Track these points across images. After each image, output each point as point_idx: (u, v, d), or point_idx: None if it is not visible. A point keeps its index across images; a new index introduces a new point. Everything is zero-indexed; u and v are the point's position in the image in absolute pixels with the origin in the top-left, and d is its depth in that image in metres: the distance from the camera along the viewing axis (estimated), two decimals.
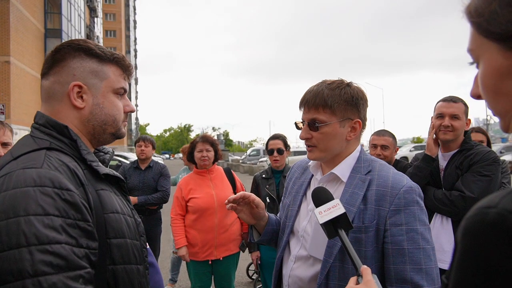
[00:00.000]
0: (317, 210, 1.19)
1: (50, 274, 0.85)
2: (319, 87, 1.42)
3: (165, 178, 4.48)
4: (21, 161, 0.98)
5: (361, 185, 1.39)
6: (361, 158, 1.46)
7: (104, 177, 1.12)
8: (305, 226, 1.48)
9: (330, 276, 1.34)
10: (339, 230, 1.16)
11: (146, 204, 4.25)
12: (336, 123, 1.40)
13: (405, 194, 1.32)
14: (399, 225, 1.30)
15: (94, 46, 1.17)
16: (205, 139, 3.51)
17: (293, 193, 1.60)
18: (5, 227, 0.86)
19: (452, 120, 2.43)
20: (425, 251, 1.29)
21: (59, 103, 1.13)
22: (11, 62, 19.15)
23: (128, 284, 1.08)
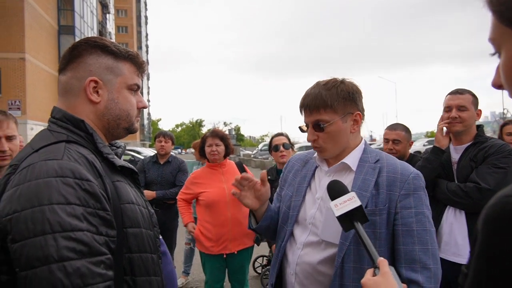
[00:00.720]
0: (333, 203, 1.21)
1: (74, 260, 0.90)
2: (315, 89, 1.49)
3: (183, 173, 4.55)
4: (42, 153, 1.02)
5: (372, 172, 1.47)
6: (367, 149, 1.55)
7: (120, 169, 1.16)
8: (313, 214, 1.53)
9: (345, 259, 1.40)
10: (355, 223, 1.18)
11: (163, 199, 4.32)
12: (338, 120, 1.47)
13: (413, 180, 1.44)
14: (409, 208, 1.40)
15: (110, 44, 1.21)
16: (214, 133, 3.54)
17: (296, 184, 1.65)
18: (31, 215, 0.91)
19: (459, 111, 2.43)
20: (430, 233, 1.41)
21: (76, 97, 1.17)
22: (26, 59, 19.49)
23: (143, 271, 1.12)
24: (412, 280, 1.34)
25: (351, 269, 1.39)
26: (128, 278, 1.08)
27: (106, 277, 0.95)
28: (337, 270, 1.40)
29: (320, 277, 1.46)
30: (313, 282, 1.48)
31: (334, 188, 1.26)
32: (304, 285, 1.50)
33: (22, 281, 0.90)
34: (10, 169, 1.05)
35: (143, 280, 1.11)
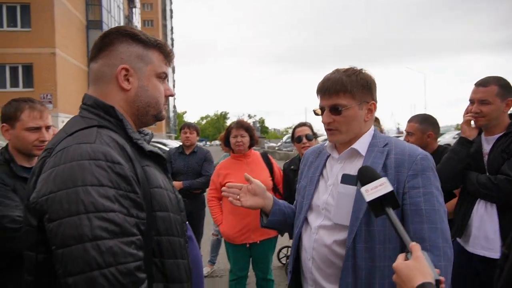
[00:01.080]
0: (364, 188, 1.22)
1: (106, 239, 0.94)
2: (336, 74, 1.54)
3: (209, 163, 4.60)
4: (76, 137, 1.07)
5: (380, 155, 1.51)
6: (376, 135, 1.59)
7: (149, 154, 1.19)
8: (326, 199, 1.57)
9: (356, 240, 1.43)
10: (386, 208, 1.18)
11: (190, 189, 4.39)
12: (355, 106, 1.52)
13: (421, 161, 1.46)
14: (417, 188, 1.42)
15: (140, 33, 1.24)
16: (239, 124, 3.56)
17: (310, 175, 1.70)
18: (66, 196, 0.96)
19: (480, 105, 2.31)
20: (439, 212, 1.41)
21: (107, 85, 1.20)
22: (56, 54, 20.12)
23: (171, 254, 1.15)
24: None
25: (363, 249, 1.42)
26: (157, 260, 1.11)
27: (137, 257, 0.98)
28: (348, 250, 1.43)
29: (336, 260, 1.49)
30: (329, 265, 1.51)
31: (365, 173, 1.26)
32: (321, 269, 1.53)
33: (58, 258, 0.95)
34: (45, 152, 1.10)
35: (171, 262, 1.14)
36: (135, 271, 0.97)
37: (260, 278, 3.55)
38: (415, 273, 1.00)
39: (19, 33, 20.07)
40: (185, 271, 1.20)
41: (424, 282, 0.98)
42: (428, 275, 1.00)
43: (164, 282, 1.12)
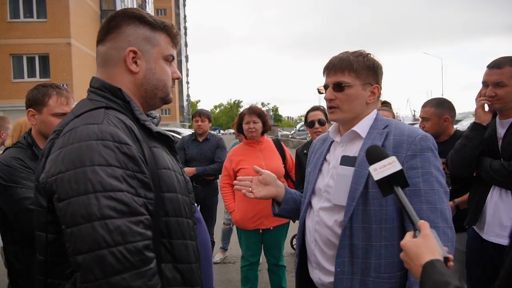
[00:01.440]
0: (372, 167, 1.21)
1: (115, 218, 0.95)
2: (344, 54, 1.57)
3: (222, 149, 4.62)
4: (83, 118, 1.08)
5: (379, 137, 1.50)
6: (378, 118, 1.59)
7: (157, 136, 1.20)
8: (327, 182, 1.58)
9: (353, 219, 1.44)
10: (395, 187, 1.17)
11: (203, 175, 4.42)
12: (359, 85, 1.53)
13: (420, 141, 1.44)
14: (415, 168, 1.41)
15: (147, 14, 1.23)
16: (252, 110, 3.53)
17: (314, 161, 1.72)
18: (74, 176, 0.97)
19: (496, 88, 2.19)
20: (438, 193, 1.40)
21: (115, 67, 1.20)
22: (72, 44, 20.31)
23: (179, 234, 1.16)
24: None
25: (360, 229, 1.43)
26: (165, 240, 1.12)
27: (145, 236, 1.00)
28: (345, 230, 1.44)
29: (336, 241, 1.50)
30: (330, 246, 1.52)
31: (374, 152, 1.25)
32: (323, 251, 1.55)
33: (67, 237, 0.96)
34: (54, 134, 1.11)
35: (179, 243, 1.15)
36: (143, 250, 0.98)
37: (272, 264, 3.56)
38: (423, 250, 0.99)
39: (35, 24, 20.29)
40: (193, 252, 1.21)
41: (432, 259, 0.96)
42: (437, 253, 0.98)
43: (173, 262, 1.14)
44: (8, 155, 1.89)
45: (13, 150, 1.93)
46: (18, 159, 1.86)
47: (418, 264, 0.98)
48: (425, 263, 0.97)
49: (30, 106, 1.97)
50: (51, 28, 20.07)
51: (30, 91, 2.00)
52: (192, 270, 1.20)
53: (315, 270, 1.59)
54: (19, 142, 1.99)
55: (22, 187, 1.78)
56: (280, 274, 3.57)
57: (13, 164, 1.83)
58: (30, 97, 1.98)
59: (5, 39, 19.77)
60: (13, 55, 20.25)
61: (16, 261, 1.84)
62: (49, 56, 20.30)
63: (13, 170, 1.82)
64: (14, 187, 1.78)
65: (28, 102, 1.98)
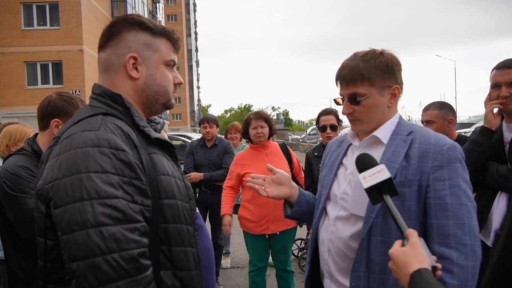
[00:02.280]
0: (361, 175, 1.19)
1: (109, 225, 0.95)
2: (353, 61, 1.43)
3: (229, 155, 4.61)
4: (81, 124, 1.08)
5: (403, 144, 1.40)
6: (401, 122, 1.48)
7: (156, 142, 1.20)
8: (344, 189, 1.49)
9: (372, 232, 1.35)
10: (384, 195, 1.15)
11: (210, 180, 4.43)
12: (376, 94, 1.41)
13: (448, 151, 1.34)
14: (442, 180, 1.31)
15: (147, 20, 1.24)
16: (258, 115, 3.52)
17: (329, 164, 1.63)
18: (70, 182, 0.97)
19: (510, 88, 2.13)
20: (467, 207, 1.30)
21: (116, 74, 1.21)
22: (84, 51, 20.64)
23: (179, 241, 1.15)
24: (445, 257, 1.24)
25: (378, 243, 1.33)
26: (164, 247, 1.11)
27: (140, 244, 0.99)
28: (363, 243, 1.35)
29: (351, 253, 1.41)
30: (344, 258, 1.44)
31: (363, 160, 1.22)
32: (336, 262, 1.47)
33: (63, 244, 0.96)
34: (53, 141, 1.12)
35: (178, 250, 1.14)
36: (138, 257, 0.97)
37: (280, 269, 3.53)
38: (411, 259, 0.98)
39: (48, 32, 20.71)
40: (193, 259, 1.20)
41: (420, 268, 0.95)
42: (425, 261, 0.97)
43: (172, 269, 1.13)
44: (14, 163, 1.83)
45: (19, 158, 1.87)
46: (25, 168, 1.81)
47: (406, 273, 0.97)
48: (412, 272, 0.96)
49: (56, 116, 1.89)
50: (64, 35, 20.46)
51: (56, 101, 1.91)
52: (192, 277, 1.18)
53: (327, 279, 1.53)
54: (23, 149, 1.94)
55: (32, 197, 1.71)
56: (288, 280, 3.53)
57: (21, 174, 1.79)
58: (58, 107, 1.89)
59: (19, 47, 20.22)
60: (27, 63, 20.67)
61: (19, 270, 1.80)
62: (62, 63, 20.68)
63: (21, 180, 1.78)
64: (23, 197, 1.75)
65: (54, 111, 1.89)
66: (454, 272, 1.23)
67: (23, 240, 1.78)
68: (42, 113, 1.93)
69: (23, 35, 20.39)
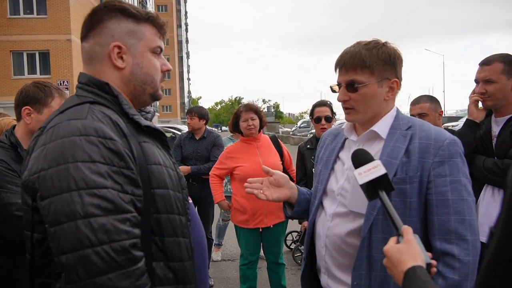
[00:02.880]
0: (357, 171, 1.18)
1: (99, 216, 0.92)
2: (355, 48, 1.41)
3: (218, 148, 4.57)
4: (67, 113, 1.04)
5: (403, 139, 1.38)
6: (399, 116, 1.46)
7: (146, 130, 1.16)
8: (342, 185, 1.47)
9: (373, 229, 1.34)
10: (380, 192, 1.14)
11: (198, 174, 4.40)
12: (374, 83, 1.39)
13: (449, 146, 1.33)
14: (443, 176, 1.31)
15: (129, 6, 1.19)
16: (248, 107, 3.49)
17: (325, 158, 1.60)
18: (56, 173, 0.94)
19: (485, 85, 2.18)
20: (468, 202, 1.30)
21: (101, 64, 1.16)
22: (72, 40, 20.27)
23: (171, 232, 1.13)
24: (447, 253, 1.26)
25: (380, 240, 1.32)
26: (157, 238, 1.09)
27: (131, 235, 0.96)
28: (364, 241, 1.34)
29: (349, 249, 1.41)
30: (342, 254, 1.43)
31: (358, 156, 1.21)
32: (334, 258, 1.46)
33: (51, 236, 0.93)
34: (39, 131, 1.08)
35: (171, 240, 1.12)
36: (130, 249, 0.95)
37: (272, 262, 3.53)
38: (406, 256, 0.97)
39: (35, 20, 20.27)
40: (186, 249, 1.18)
41: (414, 265, 0.94)
42: (419, 258, 0.96)
43: (165, 260, 1.10)
44: None
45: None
46: (1, 161, 1.71)
47: (400, 271, 0.96)
48: (406, 269, 0.95)
49: (27, 104, 1.83)
50: (51, 24, 20.05)
51: (28, 88, 1.85)
52: (184, 268, 1.16)
53: (324, 275, 1.52)
54: (0, 141, 1.82)
55: (7, 191, 1.66)
56: (280, 272, 3.54)
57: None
58: (29, 94, 1.83)
59: (5, 36, 19.76)
60: (14, 52, 20.25)
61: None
62: (50, 52, 20.29)
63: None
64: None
65: (25, 99, 1.83)
66: (455, 267, 1.24)
67: (3, 238, 1.68)
68: (16, 102, 1.86)
69: (9, 24, 19.92)
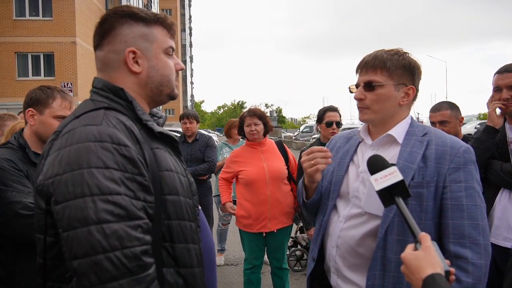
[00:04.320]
0: (373, 177, 1.18)
1: (111, 222, 0.92)
2: (378, 52, 1.49)
3: (211, 149, 4.60)
4: (83, 119, 1.05)
5: (419, 145, 1.43)
6: (414, 123, 1.51)
7: (159, 136, 1.16)
8: (357, 187, 1.50)
9: (388, 231, 1.37)
10: (396, 198, 1.14)
11: (194, 175, 4.41)
12: (391, 85, 1.44)
13: (464, 154, 1.39)
14: (459, 182, 1.36)
15: (138, 10, 1.19)
16: (252, 113, 3.51)
17: (337, 159, 1.62)
18: (71, 178, 0.94)
19: (510, 91, 2.23)
20: (480, 208, 1.36)
21: (116, 71, 1.17)
22: (77, 43, 20.37)
23: (182, 238, 1.12)
24: (460, 256, 1.31)
25: (394, 242, 1.36)
26: (167, 244, 1.09)
27: (143, 241, 0.96)
28: (380, 242, 1.38)
29: (361, 250, 1.44)
30: (354, 255, 1.46)
31: (375, 162, 1.22)
32: (345, 258, 1.49)
33: (64, 241, 0.93)
34: (54, 135, 1.08)
35: (181, 247, 1.12)
36: (141, 255, 0.95)
37: (276, 267, 3.52)
38: (424, 263, 0.96)
39: (40, 22, 20.38)
40: (196, 256, 1.17)
41: (433, 273, 0.93)
42: (438, 266, 0.95)
43: (175, 267, 1.10)
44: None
45: (3, 151, 1.83)
46: (9, 160, 1.77)
47: (419, 278, 0.95)
48: (425, 277, 0.94)
49: (30, 106, 1.91)
50: (57, 26, 20.15)
51: (33, 91, 1.94)
52: (194, 274, 1.16)
53: (333, 275, 1.54)
54: (9, 142, 1.90)
55: (13, 190, 1.69)
56: (284, 277, 3.53)
57: (4, 166, 1.73)
58: (32, 97, 1.92)
59: (10, 37, 19.88)
60: (18, 53, 20.35)
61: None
62: (54, 54, 20.38)
63: (3, 172, 1.72)
64: (4, 190, 1.69)
65: (29, 101, 1.92)
66: (469, 270, 1.29)
67: (6, 237, 1.71)
68: (23, 105, 1.95)
69: (15, 25, 20.04)
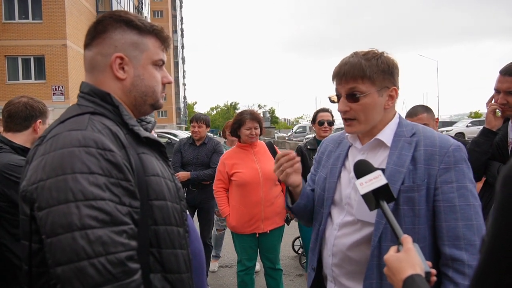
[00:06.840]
0: (358, 181, 1.19)
1: (96, 228, 0.91)
2: (354, 58, 1.41)
3: (218, 154, 4.54)
4: (67, 124, 1.04)
5: (408, 147, 1.39)
6: (402, 123, 1.47)
7: (145, 141, 1.15)
8: (349, 194, 1.47)
9: (382, 238, 1.35)
10: (381, 201, 1.15)
11: (197, 180, 4.39)
12: (375, 92, 1.39)
13: (454, 152, 1.35)
14: (450, 182, 1.33)
15: (135, 18, 1.18)
16: (254, 116, 3.53)
17: (329, 166, 1.59)
18: (54, 184, 0.93)
19: (507, 96, 2.17)
20: (474, 207, 1.32)
21: (102, 74, 1.16)
22: (67, 45, 20.21)
23: (169, 244, 1.12)
24: (456, 258, 1.28)
25: (389, 248, 1.30)
26: (154, 250, 1.08)
27: (128, 247, 0.95)
28: (374, 249, 1.35)
29: (357, 257, 1.41)
30: (349, 262, 1.44)
31: (360, 167, 1.22)
32: (341, 266, 1.46)
33: (47, 247, 0.92)
34: (39, 141, 1.07)
35: (168, 252, 1.11)
36: (126, 261, 0.94)
37: (269, 268, 3.53)
38: (404, 265, 0.98)
39: (30, 25, 20.18)
40: (184, 261, 1.16)
41: (412, 274, 0.95)
42: (418, 267, 0.97)
43: (162, 272, 1.09)
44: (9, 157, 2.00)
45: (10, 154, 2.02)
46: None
47: (400, 279, 0.97)
48: (405, 278, 0.96)
49: (39, 117, 2.19)
50: (47, 29, 19.98)
51: (37, 104, 2.18)
52: (182, 280, 1.15)
53: (331, 283, 1.52)
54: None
55: None
56: (277, 278, 3.53)
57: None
58: (41, 109, 2.21)
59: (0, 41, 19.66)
60: (8, 57, 20.13)
61: (14, 256, 1.90)
62: (45, 57, 20.19)
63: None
64: None
65: (38, 113, 2.18)
66: (466, 273, 1.26)
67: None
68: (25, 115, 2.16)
69: (4, 28, 19.83)
